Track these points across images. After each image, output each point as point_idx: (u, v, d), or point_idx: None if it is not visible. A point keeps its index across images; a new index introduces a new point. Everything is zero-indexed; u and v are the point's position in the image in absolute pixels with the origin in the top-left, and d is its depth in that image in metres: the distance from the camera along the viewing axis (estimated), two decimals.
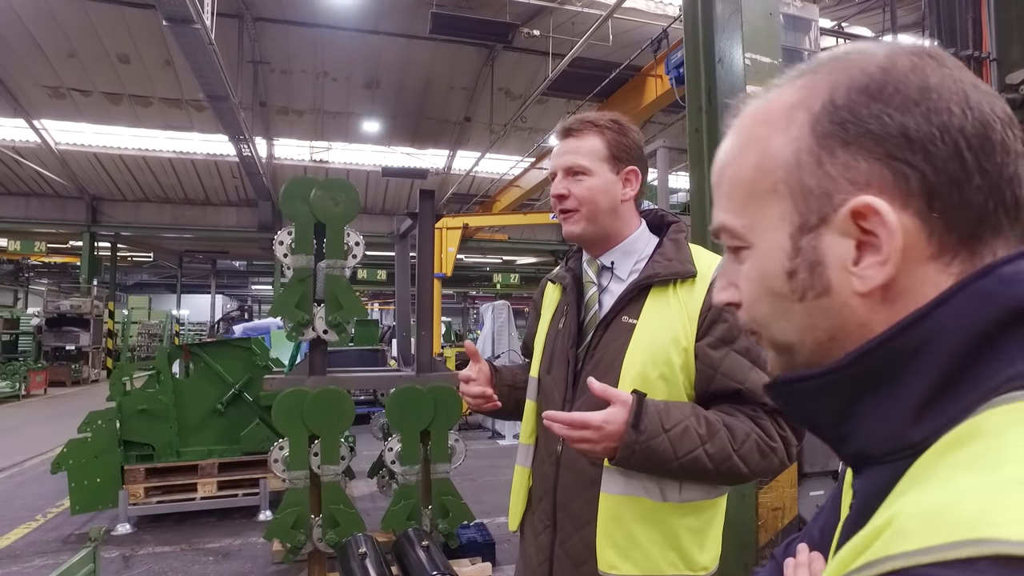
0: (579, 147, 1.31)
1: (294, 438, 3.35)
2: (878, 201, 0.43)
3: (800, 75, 0.50)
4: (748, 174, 0.51)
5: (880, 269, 0.44)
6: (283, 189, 3.50)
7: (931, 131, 0.44)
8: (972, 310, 0.42)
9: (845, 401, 0.47)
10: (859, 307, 0.46)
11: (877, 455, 0.45)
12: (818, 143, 0.47)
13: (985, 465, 0.35)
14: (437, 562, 2.59)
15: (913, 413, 0.43)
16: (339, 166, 16.97)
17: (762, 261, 0.50)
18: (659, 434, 1.11)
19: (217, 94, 10.23)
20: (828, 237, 0.46)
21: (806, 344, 0.49)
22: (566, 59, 9.16)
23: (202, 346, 5.40)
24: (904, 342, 0.43)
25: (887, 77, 0.45)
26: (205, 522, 5.04)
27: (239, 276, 30.81)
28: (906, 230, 0.44)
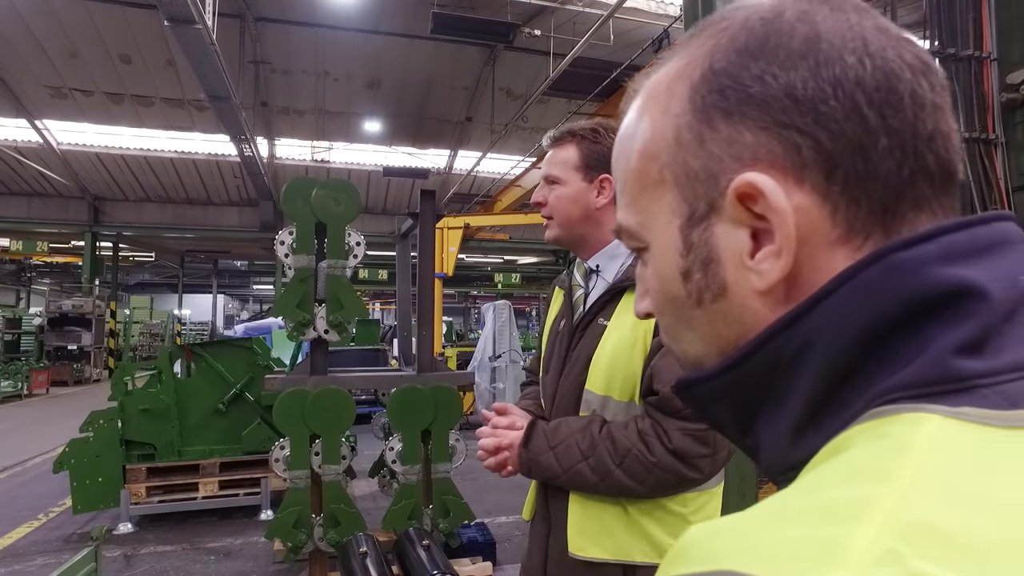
0: (554, 156, 1.39)
1: (295, 438, 3.36)
2: (760, 177, 0.36)
3: (682, 45, 0.43)
4: (635, 163, 0.44)
5: (776, 261, 0.37)
6: (284, 189, 3.51)
7: (821, 88, 0.36)
8: (855, 306, 0.34)
9: (741, 411, 0.41)
10: (761, 309, 0.38)
11: (776, 475, 0.39)
12: (698, 117, 0.40)
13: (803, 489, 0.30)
14: (438, 561, 2.60)
15: (796, 427, 0.37)
16: (340, 166, 16.99)
17: (659, 261, 0.43)
18: (545, 451, 1.27)
19: (219, 94, 10.24)
20: (719, 227, 0.39)
21: (712, 357, 0.42)
22: (567, 59, 9.17)
23: (203, 346, 5.42)
24: (783, 345, 0.36)
25: (769, 30, 0.38)
26: (206, 521, 5.06)
27: (241, 276, 30.84)
28: (802, 210, 0.36)
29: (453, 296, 33.03)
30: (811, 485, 0.30)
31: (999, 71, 3.35)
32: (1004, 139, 3.34)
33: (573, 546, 1.27)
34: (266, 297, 36.25)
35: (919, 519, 0.25)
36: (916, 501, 0.26)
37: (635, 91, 0.46)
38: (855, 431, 0.32)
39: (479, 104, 14.79)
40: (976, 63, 3.37)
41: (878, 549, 0.24)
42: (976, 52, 3.35)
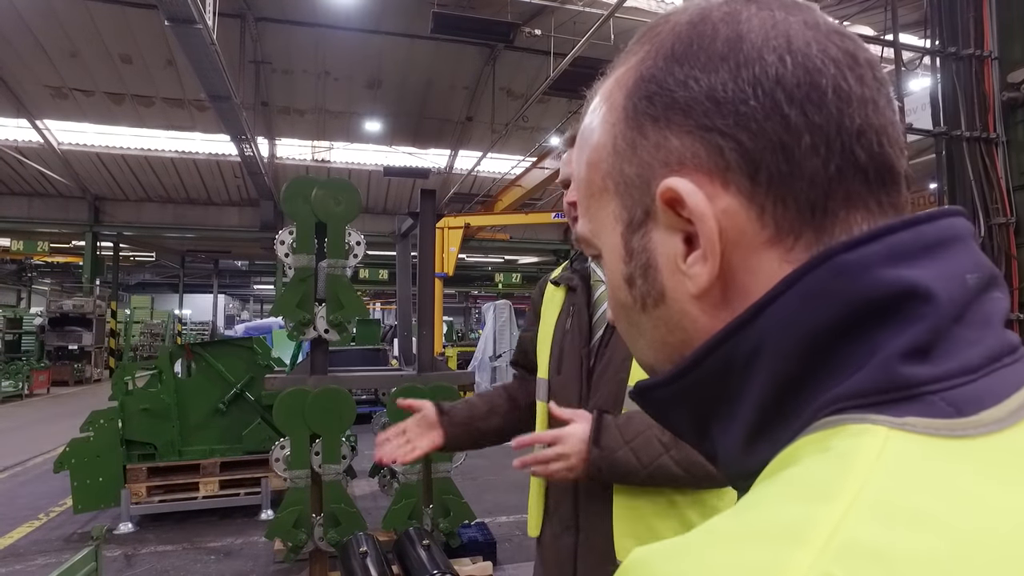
0: None
1: (295, 437, 3.36)
2: (679, 181, 0.36)
3: (631, 47, 0.43)
4: (583, 172, 0.44)
5: (704, 265, 0.37)
6: (284, 189, 3.51)
7: (742, 88, 0.36)
8: (800, 312, 0.33)
9: (697, 418, 0.40)
10: (699, 314, 0.38)
11: (734, 481, 0.39)
12: (630, 124, 0.40)
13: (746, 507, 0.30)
14: (438, 561, 2.59)
15: (747, 438, 0.36)
16: (341, 166, 16.99)
17: (608, 270, 0.44)
18: (620, 447, 1.17)
19: (219, 94, 10.24)
20: (655, 234, 0.39)
21: (662, 364, 0.42)
22: (567, 58, 9.17)
23: (204, 345, 5.42)
24: (731, 351, 0.36)
25: (693, 34, 0.38)
26: (207, 521, 5.06)
27: (241, 276, 30.86)
28: (728, 213, 0.36)
29: (453, 296, 33.04)
30: (753, 504, 0.29)
31: (1000, 70, 3.35)
32: (1005, 138, 3.34)
33: (623, 552, 1.23)
34: (267, 297, 36.27)
35: (857, 540, 0.24)
36: (855, 521, 0.25)
37: (591, 97, 0.46)
38: (802, 443, 0.31)
39: (479, 104, 14.79)
40: (977, 62, 3.37)
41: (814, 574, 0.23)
42: (977, 51, 3.35)
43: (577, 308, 1.37)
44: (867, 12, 5.80)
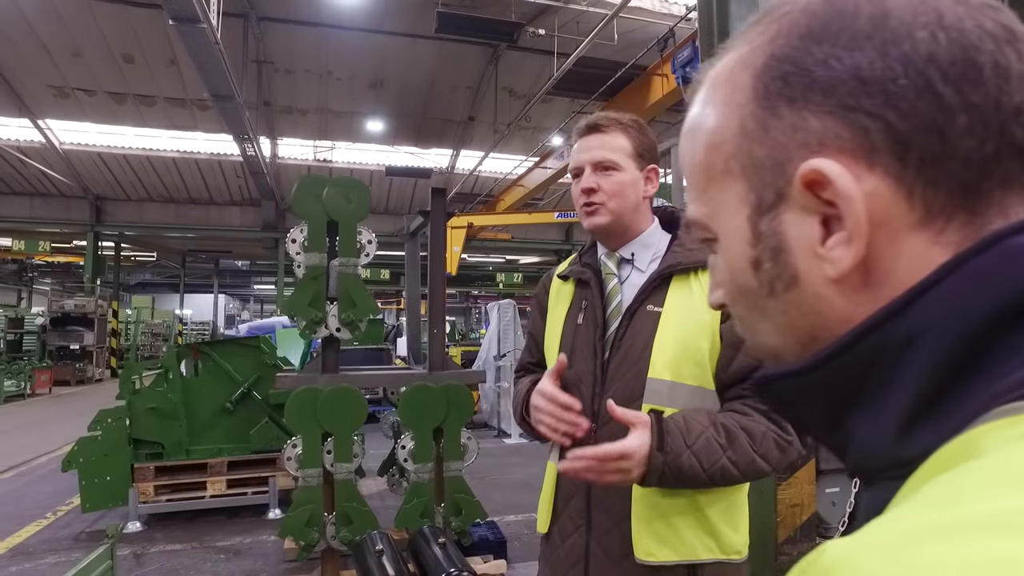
0: (608, 143, 1.33)
1: (307, 436, 3.36)
2: (826, 163, 0.35)
3: (746, 32, 0.42)
4: (701, 155, 0.44)
5: (847, 248, 0.36)
6: (296, 187, 3.51)
7: (890, 67, 0.35)
8: (967, 296, 0.32)
9: (831, 408, 0.39)
10: (836, 297, 0.38)
11: (873, 471, 0.38)
12: (762, 105, 0.39)
13: (950, 498, 0.28)
14: (454, 559, 2.59)
15: (901, 425, 0.35)
16: (343, 165, 16.98)
17: (728, 253, 0.43)
18: (683, 451, 1.13)
19: (223, 94, 10.24)
20: (788, 216, 0.38)
21: (789, 347, 0.42)
22: (571, 58, 9.17)
23: (211, 344, 5.42)
24: (883, 339, 0.35)
25: (832, 11, 0.37)
26: (214, 520, 5.05)
27: (241, 276, 30.85)
28: (875, 195, 0.35)
29: (454, 296, 33.04)
30: (953, 496, 0.27)
31: None
32: None
33: (641, 551, 1.21)
34: (267, 297, 36.27)
35: None
36: None
37: (699, 82, 0.45)
38: (984, 430, 0.30)
39: (482, 104, 14.79)
40: None
41: None
42: None
43: (589, 302, 1.35)
44: None
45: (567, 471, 1.10)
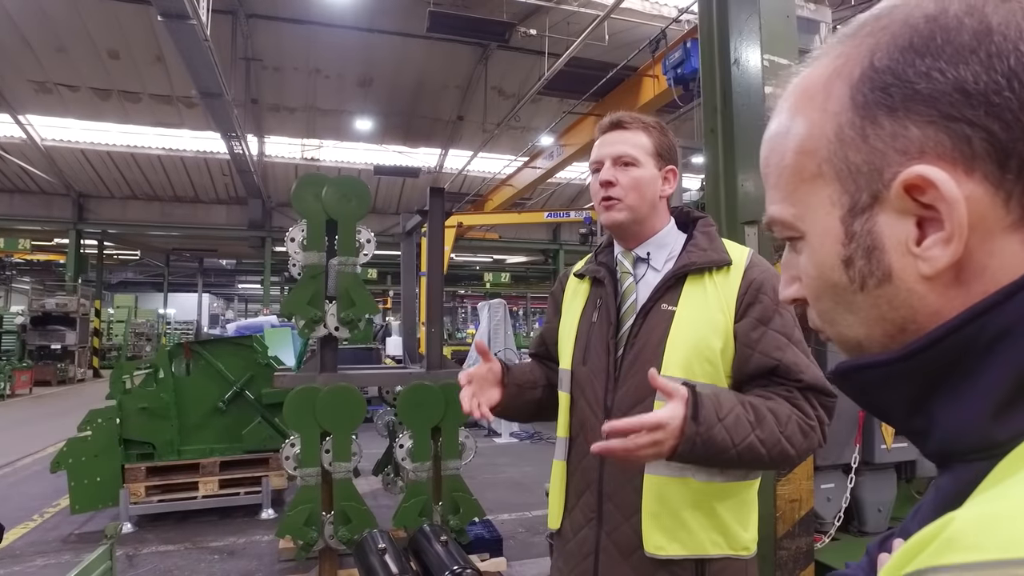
0: (629, 139, 1.36)
1: (306, 435, 3.35)
2: (931, 169, 0.38)
3: (839, 41, 0.45)
4: (791, 159, 0.46)
5: (945, 248, 0.38)
6: (295, 185, 3.50)
7: (994, 80, 0.37)
8: None
9: (917, 394, 0.42)
10: (928, 293, 0.41)
11: (960, 452, 0.40)
12: (860, 114, 0.42)
13: None
14: (457, 557, 2.61)
15: (995, 409, 0.37)
16: (331, 164, 16.88)
17: (817, 251, 0.46)
18: (715, 423, 1.12)
19: (211, 91, 10.13)
20: (883, 217, 0.41)
21: (875, 339, 0.45)
22: (563, 58, 9.20)
23: (203, 344, 5.38)
24: (978, 332, 0.38)
25: (935, 27, 0.39)
26: (207, 521, 5.02)
27: (226, 275, 30.55)
28: (973, 199, 0.38)
29: None
30: None
31: None
32: None
33: (651, 545, 1.23)
34: (252, 296, 35.95)
35: None
36: None
37: (781, 90, 0.49)
38: None
39: (471, 103, 14.78)
40: None
41: None
42: None
43: (604, 300, 1.37)
44: None
45: (601, 451, 1.07)
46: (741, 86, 2.68)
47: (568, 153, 12.47)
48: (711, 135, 2.81)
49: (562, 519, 1.39)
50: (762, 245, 2.54)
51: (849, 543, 2.82)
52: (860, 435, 2.82)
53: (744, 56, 2.67)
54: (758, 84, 2.59)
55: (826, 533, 2.78)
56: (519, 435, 9.03)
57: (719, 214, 2.75)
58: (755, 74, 2.61)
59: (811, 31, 3.05)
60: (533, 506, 5.44)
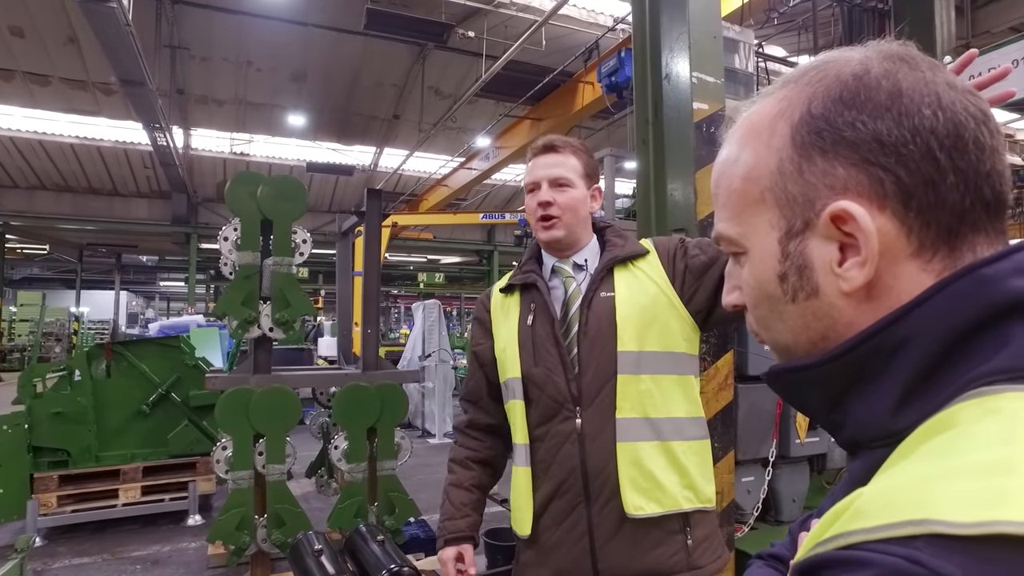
0: (563, 162, 1.49)
1: (238, 438, 3.28)
2: (853, 205, 0.45)
3: (783, 86, 0.52)
4: (738, 185, 0.53)
5: (860, 270, 0.45)
6: (229, 184, 3.42)
7: (903, 135, 0.44)
8: (950, 310, 0.43)
9: (835, 393, 0.49)
10: (846, 307, 0.47)
11: (866, 441, 0.47)
12: (798, 152, 0.48)
13: (942, 453, 0.37)
14: (394, 556, 2.62)
15: (895, 405, 0.44)
16: (261, 159, 16.34)
17: (756, 266, 0.53)
18: None
19: (132, 79, 9.62)
20: (813, 241, 0.48)
21: (801, 344, 0.51)
22: (500, 62, 9.27)
23: (125, 344, 5.14)
24: (883, 341, 0.45)
25: (859, 84, 0.46)
26: (128, 530, 4.80)
27: (147, 272, 28.99)
28: (883, 231, 0.45)
29: None
30: (951, 451, 0.37)
31: None
32: None
33: (631, 506, 1.34)
34: (175, 295, 34.28)
35: None
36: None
37: (732, 120, 0.56)
38: (959, 408, 0.40)
39: (407, 102, 14.64)
40: None
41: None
42: None
43: (538, 302, 1.48)
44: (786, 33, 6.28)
45: None
46: (671, 100, 2.82)
47: (504, 155, 12.58)
48: (643, 146, 2.93)
49: (535, 519, 1.45)
50: None
51: (767, 532, 3.00)
52: (777, 431, 3.02)
53: (674, 72, 2.81)
54: (687, 99, 2.74)
55: (746, 523, 2.96)
56: (453, 435, 9.05)
57: (650, 221, 2.88)
58: (684, 89, 2.75)
59: (737, 51, 3.25)
60: None
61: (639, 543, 1.36)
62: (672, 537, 1.37)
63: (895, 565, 0.32)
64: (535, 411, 1.46)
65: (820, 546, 0.37)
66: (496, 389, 1.58)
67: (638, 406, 1.38)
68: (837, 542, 0.36)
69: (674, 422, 1.40)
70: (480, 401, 1.63)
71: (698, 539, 1.39)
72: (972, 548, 0.31)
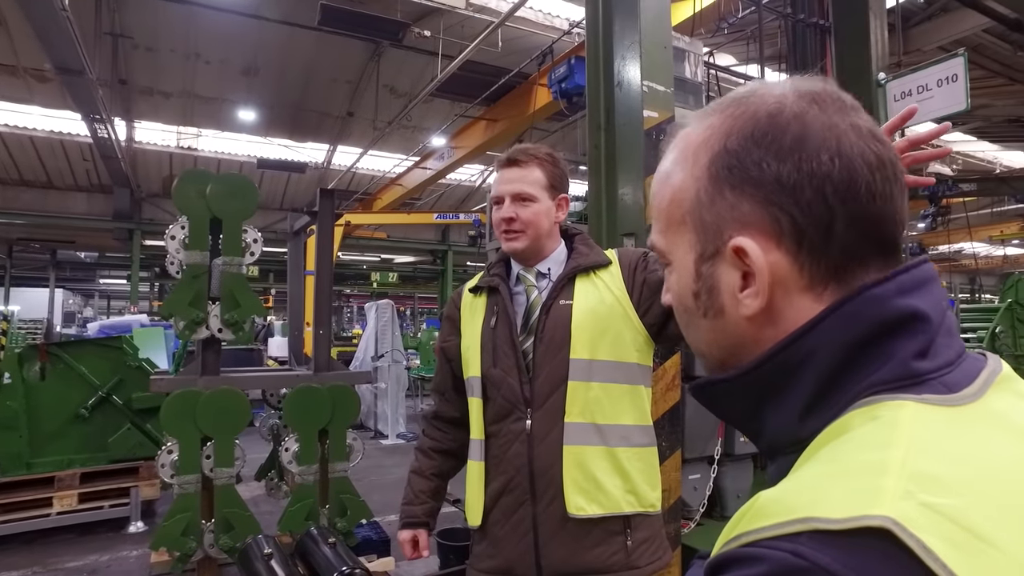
0: (525, 176, 1.53)
1: (185, 441, 3.20)
2: (748, 242, 0.49)
3: (712, 112, 0.54)
4: (666, 204, 0.56)
5: (755, 299, 0.49)
6: (176, 182, 3.33)
7: (801, 179, 0.47)
8: (842, 328, 0.46)
9: (750, 404, 0.52)
10: (748, 328, 0.51)
11: (779, 448, 0.51)
12: (712, 184, 0.51)
13: (831, 458, 0.41)
14: (346, 558, 2.61)
15: (800, 414, 0.48)
16: (209, 155, 15.84)
17: (678, 280, 0.57)
18: None
19: (70, 67, 9.18)
20: (721, 267, 0.52)
21: (714, 354, 0.56)
22: (456, 62, 9.27)
23: (62, 346, 4.93)
24: (787, 357, 0.48)
25: (771, 125, 0.49)
26: (63, 539, 4.61)
27: (85, 269, 27.74)
28: (776, 266, 0.48)
29: None
30: (837, 455, 0.42)
31: None
32: None
33: (572, 507, 1.40)
34: (115, 293, 32.89)
35: (919, 469, 0.38)
36: (914, 459, 0.39)
37: (672, 135, 0.59)
38: (851, 416, 0.44)
39: (361, 100, 14.44)
40: None
41: (899, 490, 0.37)
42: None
43: (500, 306, 1.53)
44: (735, 43, 6.48)
45: None
46: (623, 107, 2.89)
47: (459, 155, 12.57)
48: (595, 151, 3.00)
49: (485, 512, 1.51)
50: None
51: (712, 528, 3.09)
52: (722, 430, 3.13)
53: (626, 80, 2.89)
54: (638, 107, 2.81)
55: (692, 519, 3.06)
56: (405, 436, 9.01)
57: (600, 225, 2.95)
58: (635, 97, 2.83)
59: (682, 60, 3.36)
60: None
61: (580, 542, 1.42)
62: (612, 538, 1.43)
63: (782, 559, 0.36)
64: (491, 409, 1.52)
65: (727, 544, 0.41)
66: (461, 383, 1.63)
67: (587, 412, 1.44)
68: (738, 540, 0.40)
69: (621, 429, 1.46)
70: (446, 393, 1.70)
71: (638, 540, 1.46)
72: (844, 541, 0.35)
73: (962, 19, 8.32)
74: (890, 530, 0.35)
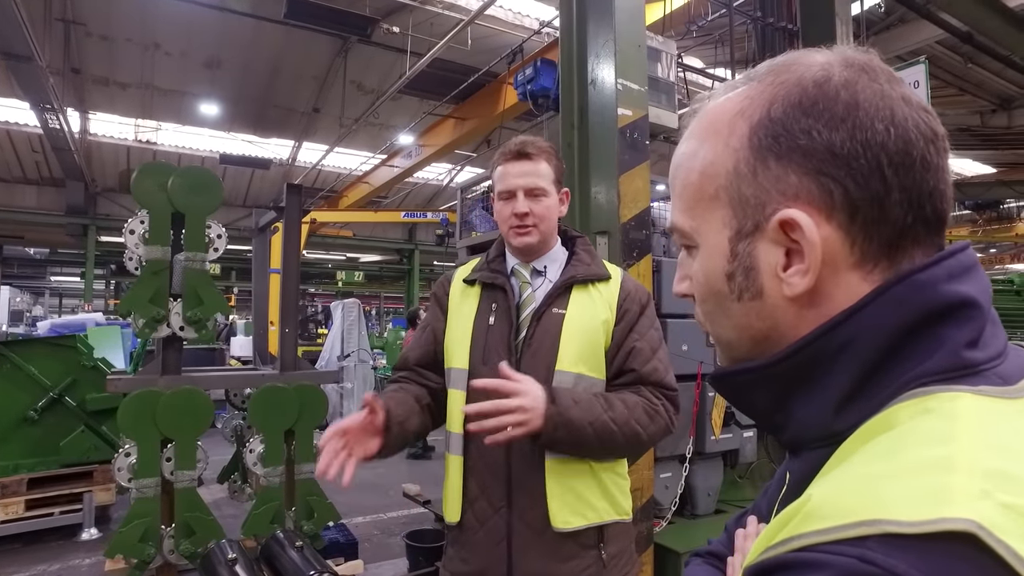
0: (536, 170, 1.49)
1: (144, 443, 3.08)
2: (800, 215, 0.45)
3: (747, 81, 0.51)
4: (695, 179, 0.52)
5: (803, 277, 0.46)
6: (135, 174, 3.21)
7: (855, 148, 0.44)
8: (887, 315, 0.44)
9: (778, 394, 0.49)
10: (788, 310, 0.48)
11: (807, 442, 0.48)
12: (754, 155, 0.48)
13: (886, 454, 0.38)
14: (313, 562, 2.55)
15: (836, 406, 0.45)
16: (169, 149, 15.38)
17: (707, 261, 0.52)
18: (572, 406, 1.33)
19: (17, 52, 8.80)
20: (762, 244, 0.48)
21: (744, 341, 0.52)
22: (425, 59, 9.18)
23: (9, 345, 4.71)
24: (826, 344, 0.45)
25: (819, 93, 0.46)
26: (8, 549, 4.39)
27: (34, 265, 26.69)
28: (828, 241, 0.45)
29: None
30: (892, 451, 0.39)
31: None
32: None
33: (559, 521, 1.39)
34: (68, 290, 31.74)
35: (992, 467, 0.35)
36: (982, 454, 0.36)
37: (694, 111, 0.55)
38: (898, 408, 0.42)
39: (328, 96, 14.21)
40: None
41: (974, 490, 0.34)
42: None
43: (501, 305, 1.49)
44: (702, 46, 6.58)
45: (478, 431, 1.28)
46: (596, 105, 2.89)
47: (427, 154, 12.46)
48: (568, 149, 2.99)
49: (462, 511, 1.47)
50: (611, 252, 2.76)
51: (684, 526, 3.11)
52: (694, 428, 3.15)
53: (600, 78, 2.88)
54: (612, 105, 2.81)
55: (664, 518, 3.07)
56: None
57: (574, 223, 2.94)
58: (609, 95, 2.83)
59: (656, 59, 3.37)
60: (388, 508, 5.40)
61: (555, 554, 1.40)
62: (587, 551, 1.43)
63: (849, 565, 0.33)
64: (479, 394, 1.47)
65: (772, 549, 0.38)
66: (440, 366, 1.58)
67: None
68: (790, 544, 0.36)
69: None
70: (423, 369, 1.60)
71: (611, 554, 1.46)
72: (920, 546, 0.32)
73: (918, 30, 8.60)
74: (974, 534, 0.32)
